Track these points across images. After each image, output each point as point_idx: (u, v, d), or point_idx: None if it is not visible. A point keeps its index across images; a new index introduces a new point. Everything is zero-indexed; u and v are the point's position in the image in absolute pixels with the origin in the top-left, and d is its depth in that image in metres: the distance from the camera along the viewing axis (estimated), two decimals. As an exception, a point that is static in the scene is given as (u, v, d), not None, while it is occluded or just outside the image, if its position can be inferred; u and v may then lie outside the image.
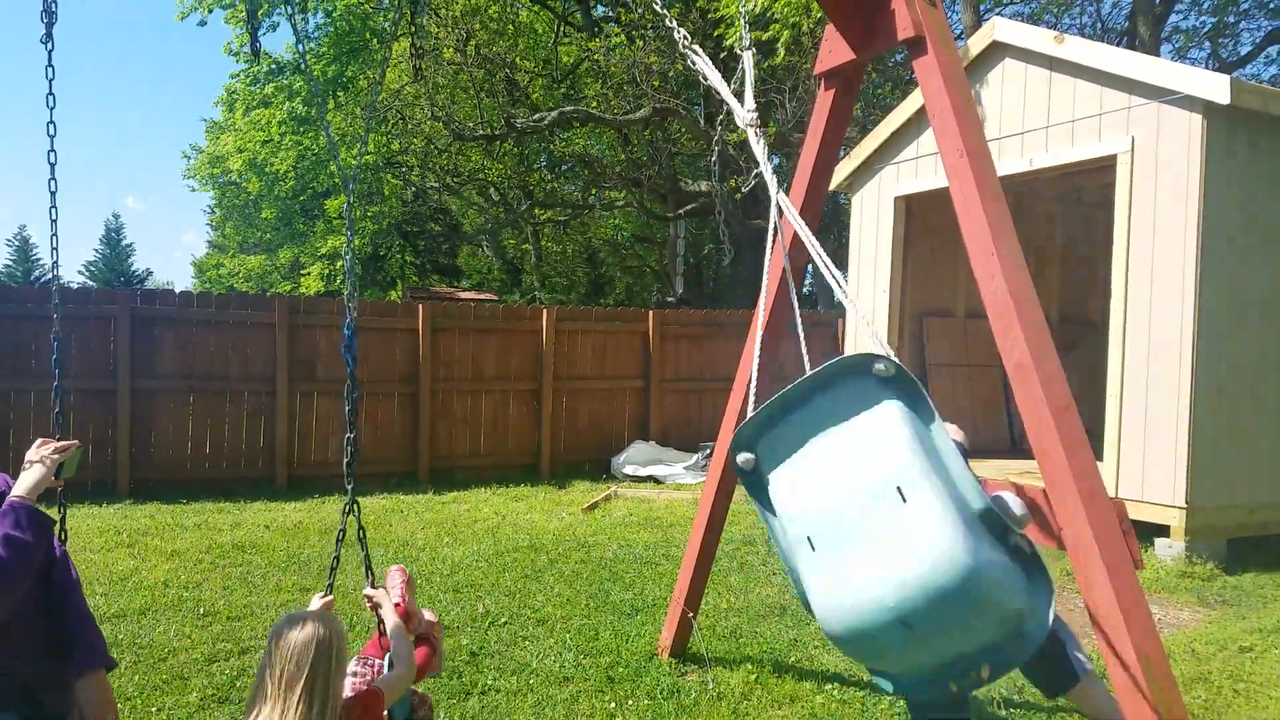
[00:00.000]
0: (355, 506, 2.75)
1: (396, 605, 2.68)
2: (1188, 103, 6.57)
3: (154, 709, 3.83)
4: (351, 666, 2.67)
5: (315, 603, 2.59)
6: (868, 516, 1.94)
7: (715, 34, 11.81)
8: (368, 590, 2.69)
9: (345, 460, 2.74)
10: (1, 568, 2.15)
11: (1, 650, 2.28)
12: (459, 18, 15.54)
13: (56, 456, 2.38)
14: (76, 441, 2.48)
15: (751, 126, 3.31)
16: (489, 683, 4.21)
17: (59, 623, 2.44)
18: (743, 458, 2.31)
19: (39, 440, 2.41)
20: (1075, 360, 10.15)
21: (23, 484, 2.32)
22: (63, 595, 2.47)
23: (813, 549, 2.05)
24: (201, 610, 5.17)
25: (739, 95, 3.44)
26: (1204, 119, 6.50)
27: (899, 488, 1.91)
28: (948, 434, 2.12)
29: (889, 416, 2.06)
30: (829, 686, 4.20)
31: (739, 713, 3.91)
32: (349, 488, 2.72)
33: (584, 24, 17.99)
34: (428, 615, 2.93)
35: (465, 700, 4.00)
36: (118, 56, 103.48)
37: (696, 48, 3.54)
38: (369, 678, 2.64)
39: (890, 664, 2.00)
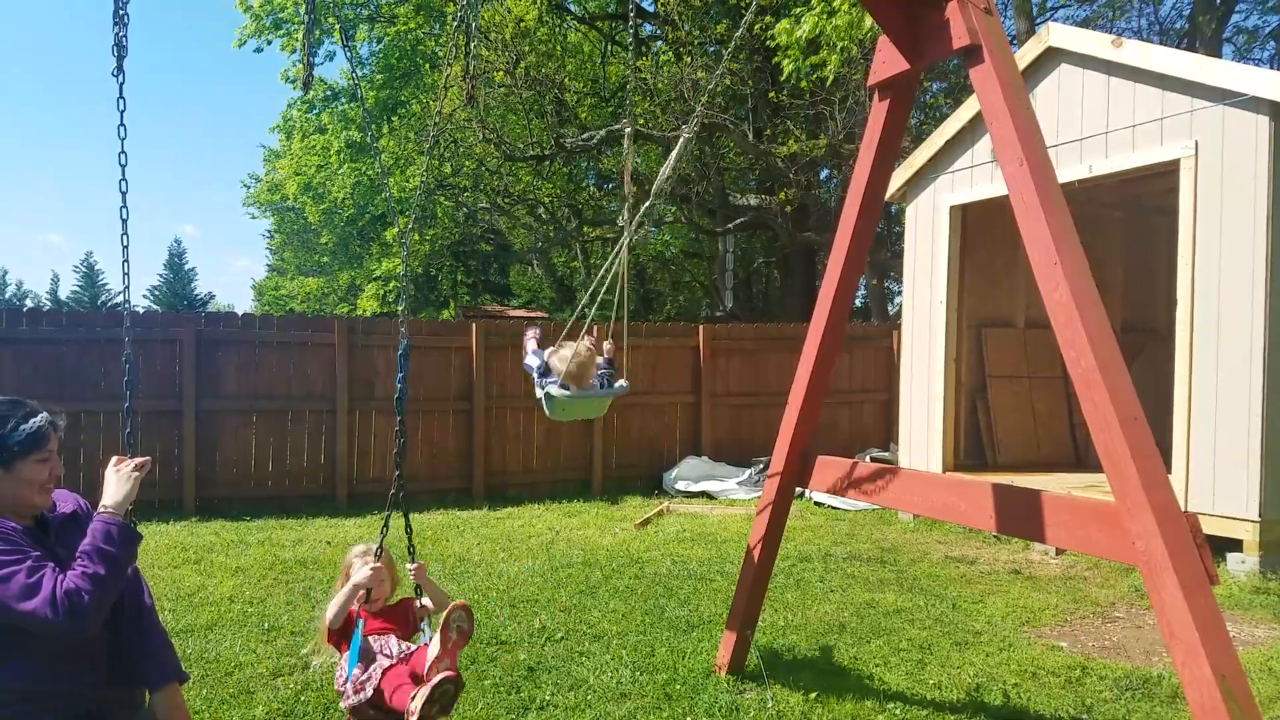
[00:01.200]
0: (403, 512, 3.09)
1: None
2: (1253, 104, 6.39)
3: (223, 723, 3.91)
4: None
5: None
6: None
7: (774, 61, 11.79)
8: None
9: (395, 451, 3.05)
10: (97, 581, 2.19)
11: (72, 669, 2.31)
12: (509, 41, 15.76)
13: (137, 474, 2.44)
14: (149, 458, 2.54)
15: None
16: (547, 698, 4.22)
17: (135, 639, 2.48)
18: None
19: (115, 458, 2.47)
20: (1139, 370, 9.90)
21: (111, 498, 2.37)
22: (137, 611, 2.52)
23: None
24: (266, 625, 5.27)
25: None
26: (1271, 120, 6.31)
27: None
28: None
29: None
30: (891, 705, 4.13)
31: (800, 731, 3.86)
32: (396, 481, 3.03)
33: (630, 43, 18.11)
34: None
35: (524, 716, 4.01)
36: (176, 88, 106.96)
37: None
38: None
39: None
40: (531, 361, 4.17)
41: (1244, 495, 6.44)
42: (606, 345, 4.29)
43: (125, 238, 2.99)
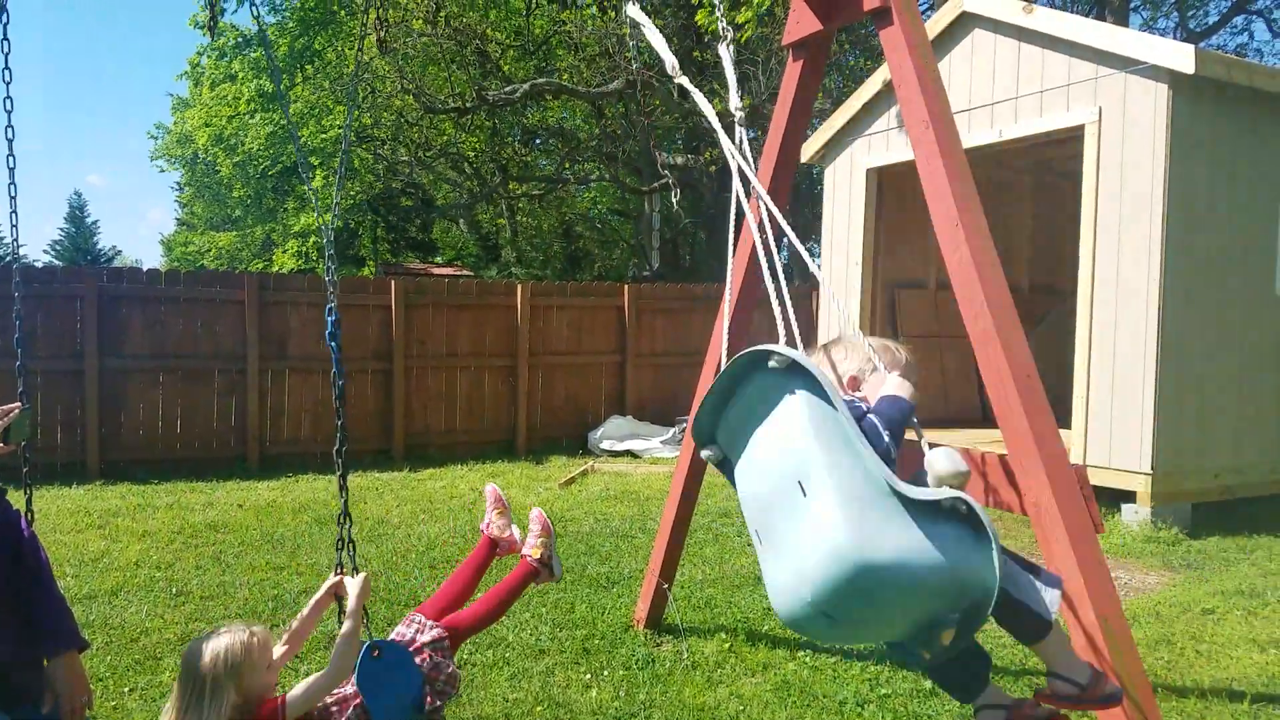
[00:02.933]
0: (345, 493, 2.76)
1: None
2: (1153, 72, 6.62)
3: (127, 688, 3.82)
4: (399, 627, 2.81)
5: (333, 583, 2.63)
6: (783, 512, 1.95)
7: (696, 19, 11.70)
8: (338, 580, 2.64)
9: (335, 448, 2.78)
10: None
11: None
12: (428, -11, 15.32)
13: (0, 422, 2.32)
14: (19, 403, 2.42)
15: (740, 124, 3.27)
16: (464, 657, 4.23)
17: (30, 605, 2.41)
18: (706, 453, 2.29)
19: None
20: (1046, 330, 10.26)
21: None
22: (33, 578, 2.44)
23: (759, 541, 2.05)
24: (174, 590, 5.15)
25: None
26: (1169, 89, 6.55)
27: (799, 481, 1.91)
28: (848, 421, 2.02)
29: (791, 409, 2.04)
30: (801, 654, 4.26)
31: (713, 681, 3.96)
32: (340, 474, 2.74)
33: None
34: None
35: (441, 674, 4.02)
36: (76, 27, 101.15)
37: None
38: (411, 639, 2.73)
39: (849, 640, 2.01)
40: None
41: (1138, 449, 6.77)
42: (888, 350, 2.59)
43: (13, 187, 2.85)
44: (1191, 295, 6.79)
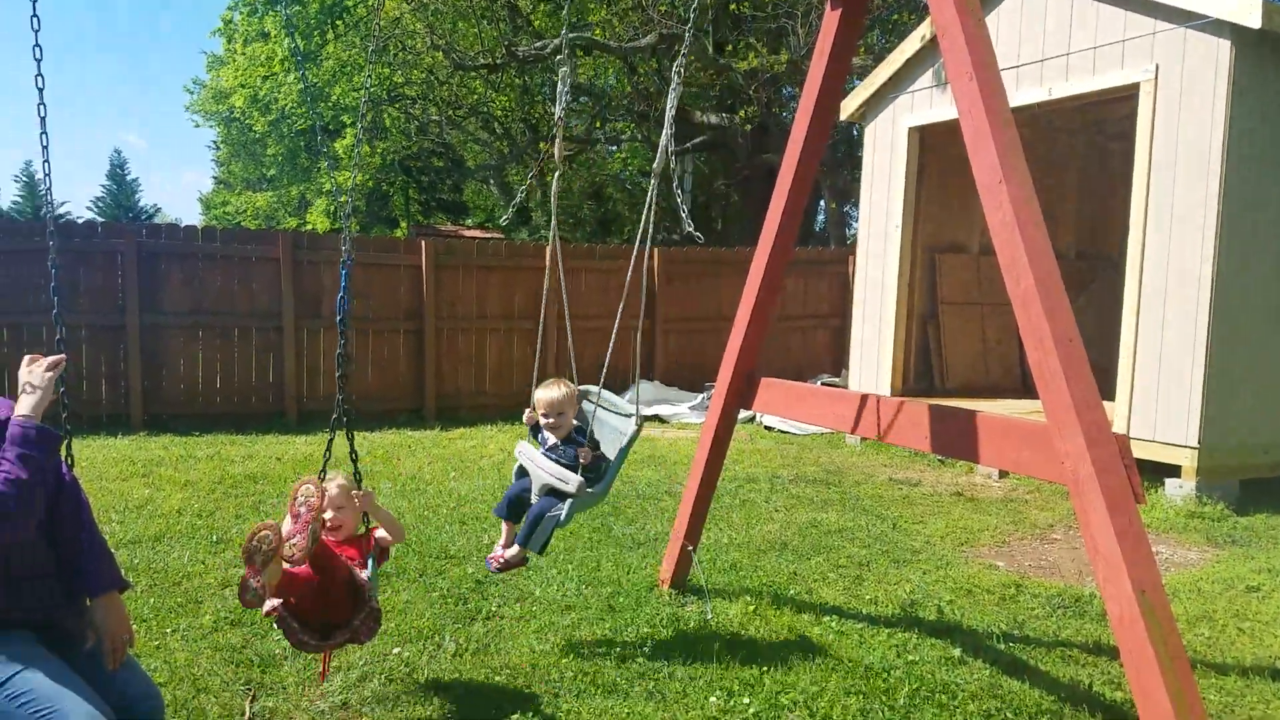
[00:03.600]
0: (349, 435, 2.99)
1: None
2: (1215, 28, 6.33)
3: (169, 630, 3.90)
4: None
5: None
6: None
7: None
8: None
9: (338, 374, 2.98)
10: (21, 486, 2.17)
11: (18, 574, 2.32)
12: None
13: (49, 375, 2.35)
14: (64, 356, 2.45)
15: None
16: (493, 609, 4.26)
17: (72, 547, 2.47)
18: None
19: (27, 358, 2.38)
20: (1091, 297, 10.02)
21: (24, 405, 2.30)
22: (76, 520, 2.49)
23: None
24: (215, 537, 5.24)
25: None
26: (1232, 45, 6.27)
27: None
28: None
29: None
30: (827, 618, 4.23)
31: (737, 641, 3.94)
32: (338, 405, 3.14)
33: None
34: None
35: (470, 625, 4.05)
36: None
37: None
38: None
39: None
40: (522, 449, 3.93)
41: (1184, 423, 6.59)
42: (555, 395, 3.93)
43: (44, 137, 2.88)
44: (1248, 265, 6.55)
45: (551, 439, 3.76)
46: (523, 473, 3.81)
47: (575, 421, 3.87)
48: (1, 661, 2.22)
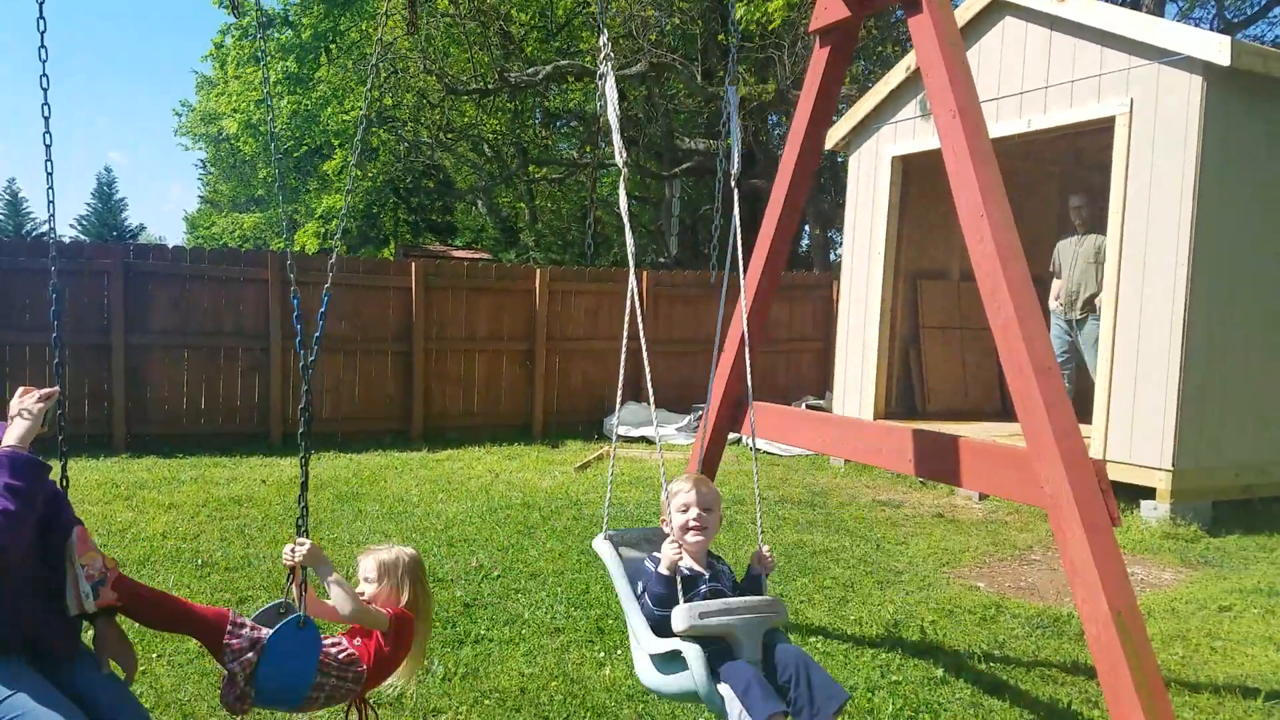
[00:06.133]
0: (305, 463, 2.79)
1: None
2: (1188, 64, 6.53)
3: (154, 655, 3.90)
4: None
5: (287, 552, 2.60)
6: None
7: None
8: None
9: (300, 407, 2.71)
10: (8, 517, 2.18)
11: (9, 597, 2.32)
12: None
13: (41, 405, 2.36)
14: (58, 389, 2.47)
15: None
16: (482, 632, 4.29)
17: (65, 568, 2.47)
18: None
19: (20, 389, 2.40)
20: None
21: (12, 435, 2.32)
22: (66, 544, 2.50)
23: None
24: (200, 561, 5.24)
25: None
26: (1204, 80, 6.46)
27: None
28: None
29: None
30: (813, 639, 4.29)
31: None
32: (301, 444, 2.76)
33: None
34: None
35: (459, 649, 4.08)
36: (100, 7, 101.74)
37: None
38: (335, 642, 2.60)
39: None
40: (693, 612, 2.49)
41: (1159, 446, 6.73)
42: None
43: (49, 164, 2.88)
44: (1219, 293, 6.72)
45: (694, 565, 2.67)
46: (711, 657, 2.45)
47: None
48: None
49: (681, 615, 2.44)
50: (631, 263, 2.87)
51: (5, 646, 2.34)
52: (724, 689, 2.37)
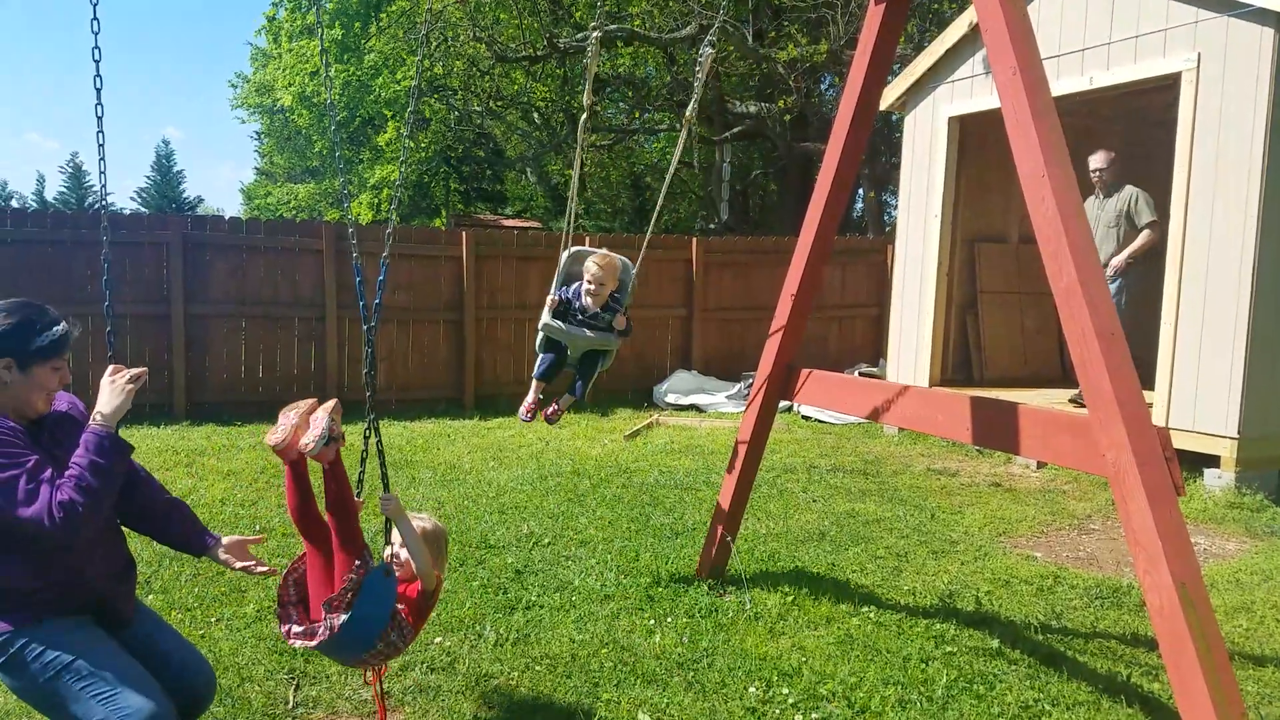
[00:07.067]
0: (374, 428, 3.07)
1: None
2: (1259, 16, 6.21)
3: (213, 619, 4.02)
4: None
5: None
6: None
7: None
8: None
9: (365, 371, 3.02)
10: (91, 493, 2.27)
11: (81, 563, 2.44)
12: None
13: (132, 386, 2.44)
14: (145, 369, 2.55)
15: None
16: (533, 599, 4.34)
17: (164, 524, 2.76)
18: None
19: (111, 368, 2.48)
20: (1130, 287, 9.84)
21: (104, 410, 2.40)
22: (157, 502, 2.80)
23: None
24: (258, 527, 5.38)
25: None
26: (1276, 32, 6.15)
27: None
28: None
29: None
30: (865, 609, 4.26)
31: (775, 632, 3.98)
32: (369, 405, 3.02)
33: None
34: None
35: (510, 615, 4.13)
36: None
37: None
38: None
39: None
40: (552, 323, 4.31)
41: (1224, 413, 6.51)
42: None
43: (101, 135, 2.94)
44: (1291, 253, 6.44)
45: (591, 305, 4.24)
46: (549, 345, 4.33)
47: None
48: (66, 646, 2.34)
49: (544, 318, 4.26)
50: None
51: (74, 608, 2.44)
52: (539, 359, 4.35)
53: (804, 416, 9.89)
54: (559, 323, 4.23)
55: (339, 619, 2.57)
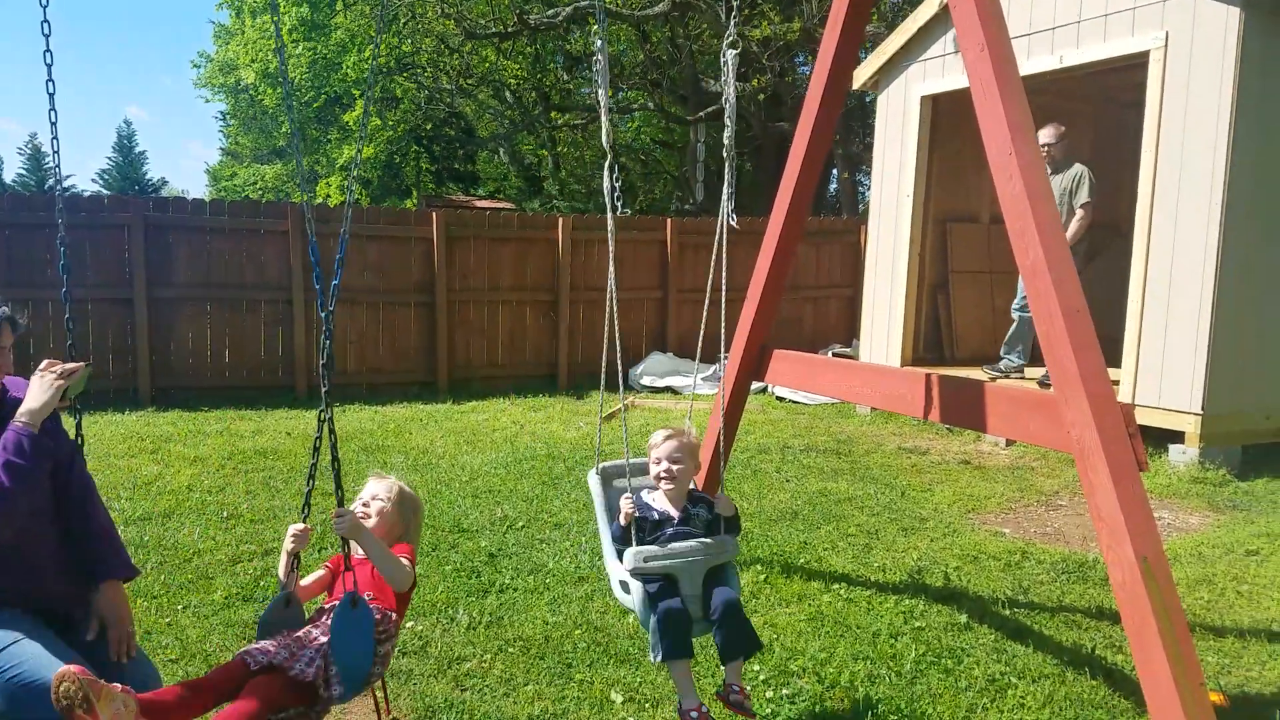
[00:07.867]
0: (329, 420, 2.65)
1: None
2: (1228, -6, 6.26)
3: (180, 606, 3.97)
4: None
5: (288, 539, 2.61)
6: None
7: None
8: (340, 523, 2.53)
9: (320, 364, 2.66)
10: (3, 494, 2.19)
11: (18, 567, 2.34)
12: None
13: (61, 382, 2.34)
14: (84, 362, 2.43)
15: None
16: (506, 581, 4.33)
17: (79, 535, 2.49)
18: None
19: (45, 362, 2.38)
20: (1100, 266, 9.95)
21: (27, 407, 2.30)
22: (82, 510, 2.52)
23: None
24: (225, 513, 5.31)
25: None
26: (1242, 11, 6.20)
27: None
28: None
29: None
30: (836, 586, 4.29)
31: (747, 610, 3.99)
32: (324, 393, 2.60)
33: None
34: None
35: (484, 598, 4.12)
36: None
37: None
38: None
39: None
40: (637, 555, 2.76)
41: (1188, 389, 6.61)
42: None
43: (53, 113, 2.82)
44: (1254, 233, 6.51)
45: (667, 508, 2.92)
46: (660, 595, 2.70)
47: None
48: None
49: (629, 558, 2.74)
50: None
51: (8, 603, 2.34)
52: (652, 622, 2.66)
53: (778, 398, 9.93)
54: (653, 548, 2.76)
55: (335, 691, 2.33)
